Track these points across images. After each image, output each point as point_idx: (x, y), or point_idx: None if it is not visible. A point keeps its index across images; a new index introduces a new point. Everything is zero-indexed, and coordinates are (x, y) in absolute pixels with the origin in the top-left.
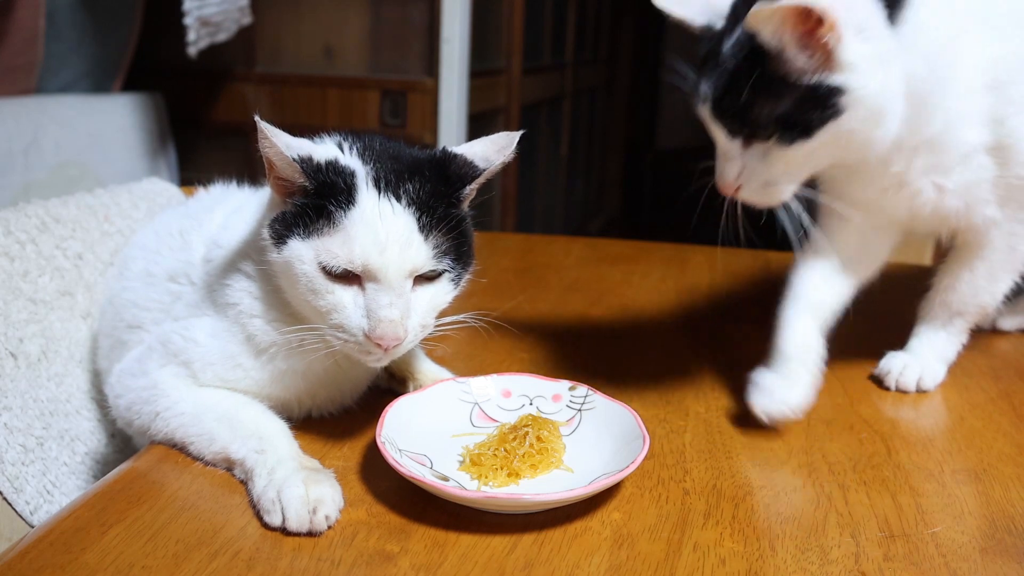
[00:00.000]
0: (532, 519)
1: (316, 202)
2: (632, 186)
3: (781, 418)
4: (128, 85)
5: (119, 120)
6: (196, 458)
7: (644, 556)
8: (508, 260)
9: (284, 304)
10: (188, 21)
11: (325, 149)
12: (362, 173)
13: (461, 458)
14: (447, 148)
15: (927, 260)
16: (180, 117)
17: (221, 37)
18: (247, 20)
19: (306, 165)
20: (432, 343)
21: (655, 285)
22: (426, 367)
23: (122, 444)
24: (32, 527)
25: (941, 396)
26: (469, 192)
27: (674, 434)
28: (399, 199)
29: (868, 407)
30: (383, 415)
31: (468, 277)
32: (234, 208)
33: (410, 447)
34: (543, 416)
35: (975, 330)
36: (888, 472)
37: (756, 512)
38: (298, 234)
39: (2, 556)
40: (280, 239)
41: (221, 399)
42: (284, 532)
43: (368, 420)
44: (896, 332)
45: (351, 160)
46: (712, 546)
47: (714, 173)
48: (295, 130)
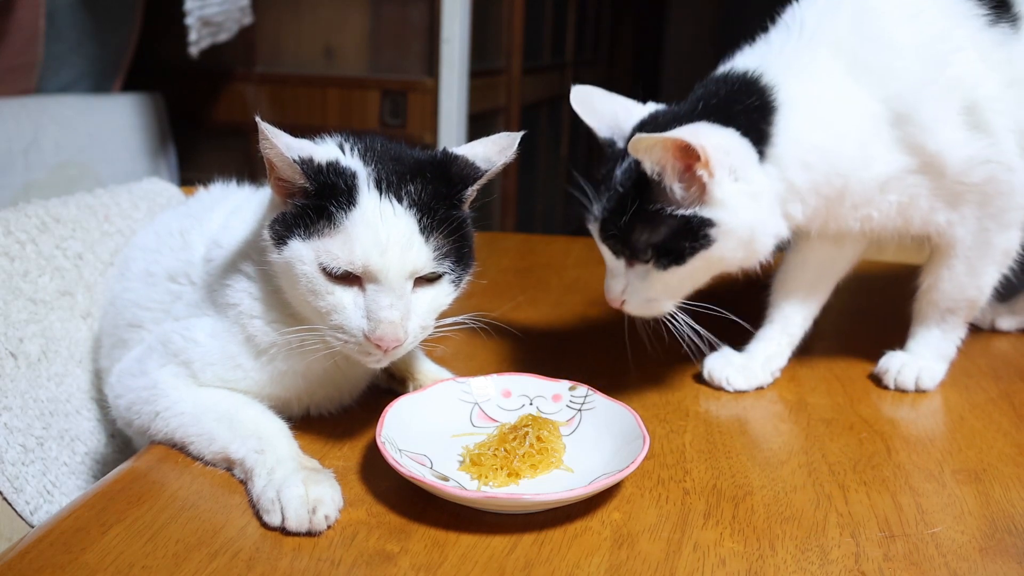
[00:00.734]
0: (532, 519)
1: (317, 203)
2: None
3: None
4: (128, 85)
5: (119, 120)
6: (196, 458)
7: (644, 556)
8: (508, 260)
9: (284, 305)
10: (189, 21)
11: (326, 150)
12: (363, 174)
13: (461, 458)
14: (448, 149)
15: (922, 259)
16: (180, 117)
17: (222, 37)
18: (248, 20)
19: (307, 166)
20: (432, 343)
21: None
22: (426, 367)
23: (122, 444)
24: (32, 527)
25: (941, 396)
26: (471, 193)
27: (674, 434)
28: (400, 200)
29: (868, 407)
30: (383, 415)
31: (468, 278)
32: (234, 208)
33: (410, 447)
34: (543, 416)
35: (974, 330)
36: (888, 472)
37: (756, 512)
38: (299, 235)
39: (2, 556)
40: (280, 240)
41: (221, 399)
42: (283, 532)
43: (368, 420)
44: (896, 332)
45: (352, 161)
46: (712, 546)
47: None
48: (295, 130)
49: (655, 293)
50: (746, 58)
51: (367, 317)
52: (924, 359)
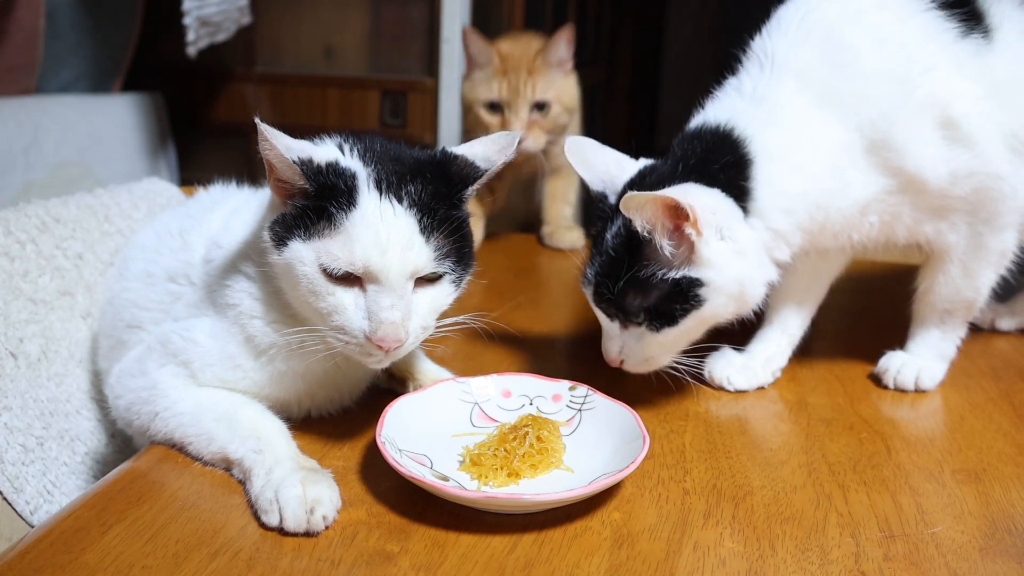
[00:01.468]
0: (532, 519)
1: (317, 204)
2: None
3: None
4: (128, 85)
5: (119, 120)
6: (195, 458)
7: (644, 556)
8: (508, 260)
9: (284, 305)
10: (188, 21)
11: (325, 151)
12: (363, 175)
13: (461, 458)
14: (447, 149)
15: (920, 258)
16: (180, 117)
17: (221, 37)
18: (247, 20)
19: (306, 167)
20: (432, 344)
21: None
22: (426, 367)
23: (122, 444)
24: (32, 527)
25: (941, 396)
26: (471, 193)
27: (674, 434)
28: (400, 201)
29: (868, 407)
30: (383, 415)
31: (469, 278)
32: (234, 208)
33: (410, 447)
34: (543, 416)
35: (974, 330)
36: (888, 472)
37: (756, 512)
38: (299, 236)
39: (2, 556)
40: (281, 241)
41: (220, 399)
42: (281, 532)
43: (368, 420)
44: (896, 332)
45: (352, 162)
46: (712, 546)
47: None
48: (295, 130)
49: (651, 352)
50: (717, 108)
51: (368, 318)
52: (924, 359)
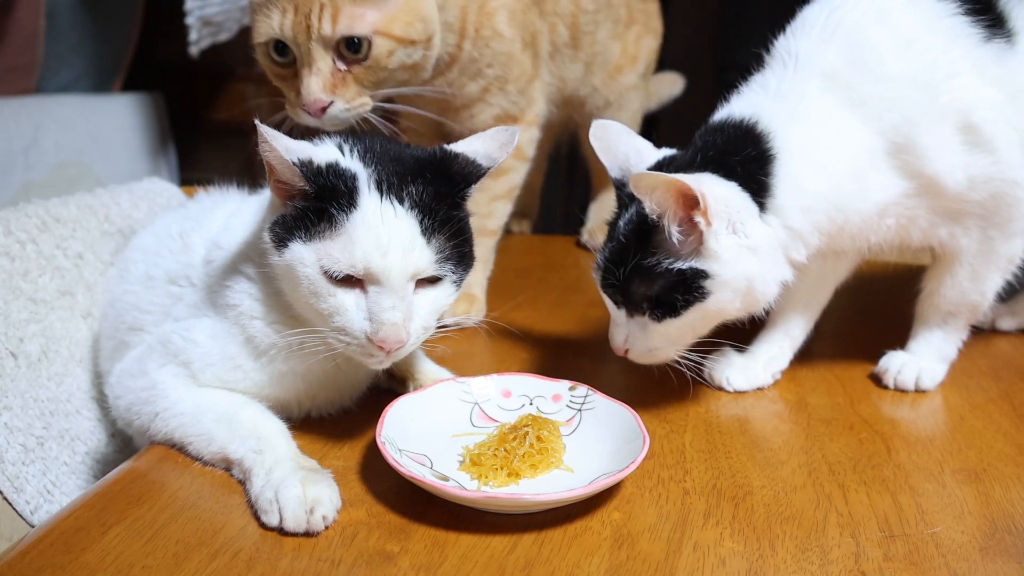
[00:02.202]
0: (532, 519)
1: (317, 205)
2: None
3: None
4: (128, 85)
5: (119, 120)
6: (195, 458)
7: (644, 556)
8: (508, 260)
9: (285, 306)
10: (190, 21)
11: (325, 151)
12: (363, 176)
13: (461, 458)
14: (447, 147)
15: (927, 260)
16: (180, 117)
17: (222, 37)
18: (248, 19)
19: (306, 169)
20: (432, 344)
21: None
22: (426, 367)
23: (122, 444)
24: (32, 527)
25: (941, 396)
26: (472, 192)
27: (674, 434)
28: (401, 202)
29: (868, 407)
30: (383, 415)
31: (469, 279)
32: (234, 209)
33: (410, 447)
34: (543, 416)
35: (975, 330)
36: (888, 472)
37: (756, 512)
38: (299, 237)
39: (2, 556)
40: (281, 242)
41: (220, 399)
42: (281, 532)
43: (368, 420)
44: (896, 332)
45: (352, 162)
46: (712, 546)
47: None
48: (295, 130)
49: (655, 343)
50: (742, 103)
51: (369, 319)
52: (925, 359)
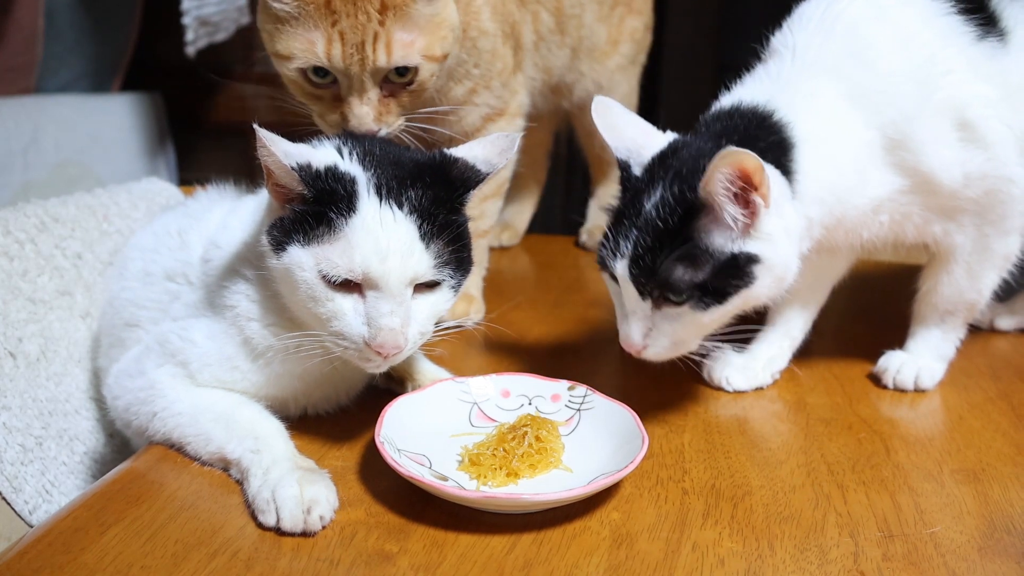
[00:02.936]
0: (531, 519)
1: (316, 209)
2: None
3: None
4: (127, 85)
5: (118, 120)
6: (193, 458)
7: (643, 556)
8: (507, 260)
9: (282, 308)
10: (187, 21)
11: (324, 154)
12: (363, 180)
13: (460, 458)
14: (447, 152)
15: (923, 259)
16: (179, 117)
17: (219, 37)
18: (245, 20)
19: (305, 173)
20: (430, 346)
21: None
22: (425, 367)
23: (121, 444)
24: (31, 527)
25: (940, 396)
26: (471, 197)
27: (673, 434)
28: (401, 207)
29: (867, 407)
30: (382, 415)
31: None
32: (232, 208)
33: (409, 447)
34: (542, 416)
35: (973, 330)
36: (887, 472)
37: (755, 512)
38: (298, 241)
39: (1, 556)
40: (279, 246)
41: (218, 399)
42: (278, 532)
43: (367, 420)
44: (895, 332)
45: (351, 166)
46: (711, 546)
47: None
48: (293, 131)
49: (686, 335)
50: (750, 91)
51: (367, 324)
52: (923, 359)
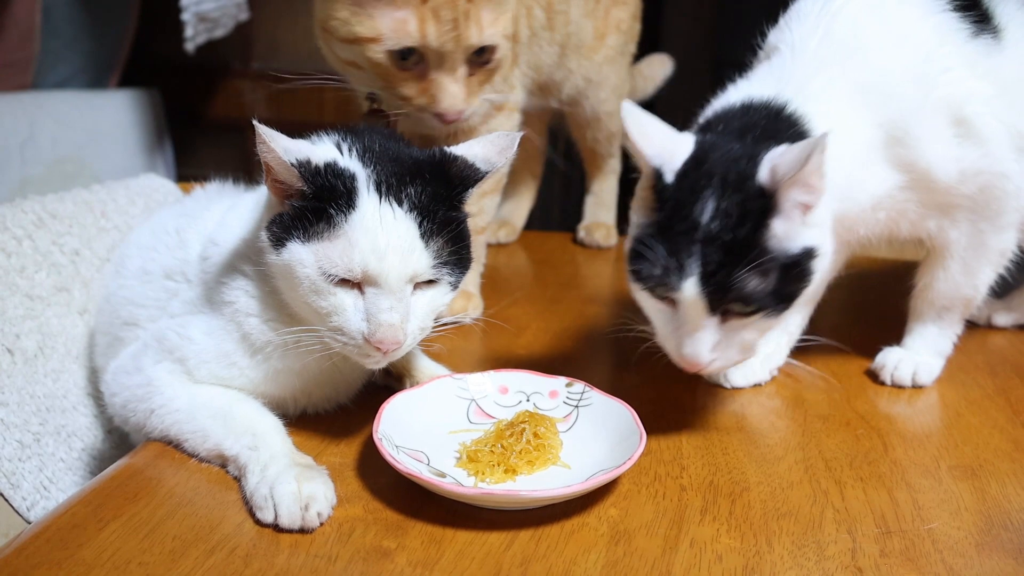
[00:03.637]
0: (529, 515)
1: (315, 205)
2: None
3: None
4: (125, 81)
5: (116, 116)
6: (191, 455)
7: (641, 552)
8: (505, 257)
9: (281, 304)
10: (185, 17)
11: (323, 150)
12: (363, 176)
13: (458, 454)
14: (447, 149)
15: (919, 255)
16: (177, 113)
17: (218, 33)
18: (244, 16)
19: (304, 169)
20: (428, 342)
21: None
22: (423, 364)
23: (119, 440)
24: (29, 523)
25: (937, 392)
26: (470, 195)
27: (671, 430)
28: (400, 204)
29: (864, 403)
30: (380, 411)
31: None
32: (230, 205)
33: (407, 443)
34: (540, 412)
35: (971, 326)
36: (884, 468)
37: (753, 508)
38: (297, 237)
39: None
40: (279, 242)
41: (216, 396)
42: (276, 529)
43: (365, 416)
44: (893, 328)
45: (351, 162)
46: (709, 542)
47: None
48: (292, 127)
49: (753, 341)
50: (756, 87)
51: (367, 320)
52: (921, 355)
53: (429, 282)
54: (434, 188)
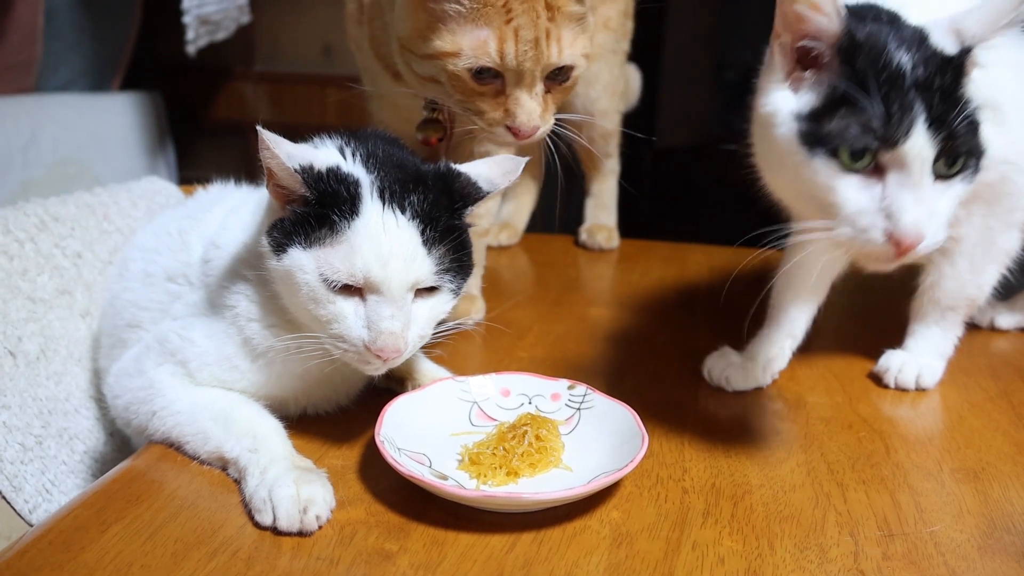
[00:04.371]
0: (531, 518)
1: (318, 211)
2: (631, 184)
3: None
4: (127, 83)
5: (118, 118)
6: (192, 457)
7: (643, 555)
8: (507, 259)
9: (282, 310)
10: (187, 19)
11: (326, 155)
12: (366, 182)
13: (460, 457)
14: (451, 164)
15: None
16: (179, 115)
17: (220, 35)
18: (246, 19)
19: (307, 175)
20: (429, 347)
21: (654, 284)
22: (425, 366)
23: (121, 443)
24: (31, 526)
25: (940, 395)
26: (471, 211)
27: (673, 433)
28: (403, 211)
29: (867, 406)
30: (382, 414)
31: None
32: (232, 208)
33: (409, 446)
34: (542, 415)
35: (973, 329)
36: (887, 471)
37: (755, 511)
38: (299, 243)
39: (1, 555)
40: (280, 247)
41: (217, 398)
42: (275, 532)
43: (367, 419)
44: (894, 331)
45: (354, 167)
46: (711, 545)
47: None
48: (294, 130)
49: (951, 211)
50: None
51: (368, 327)
52: (924, 357)
53: (430, 289)
54: (436, 196)
